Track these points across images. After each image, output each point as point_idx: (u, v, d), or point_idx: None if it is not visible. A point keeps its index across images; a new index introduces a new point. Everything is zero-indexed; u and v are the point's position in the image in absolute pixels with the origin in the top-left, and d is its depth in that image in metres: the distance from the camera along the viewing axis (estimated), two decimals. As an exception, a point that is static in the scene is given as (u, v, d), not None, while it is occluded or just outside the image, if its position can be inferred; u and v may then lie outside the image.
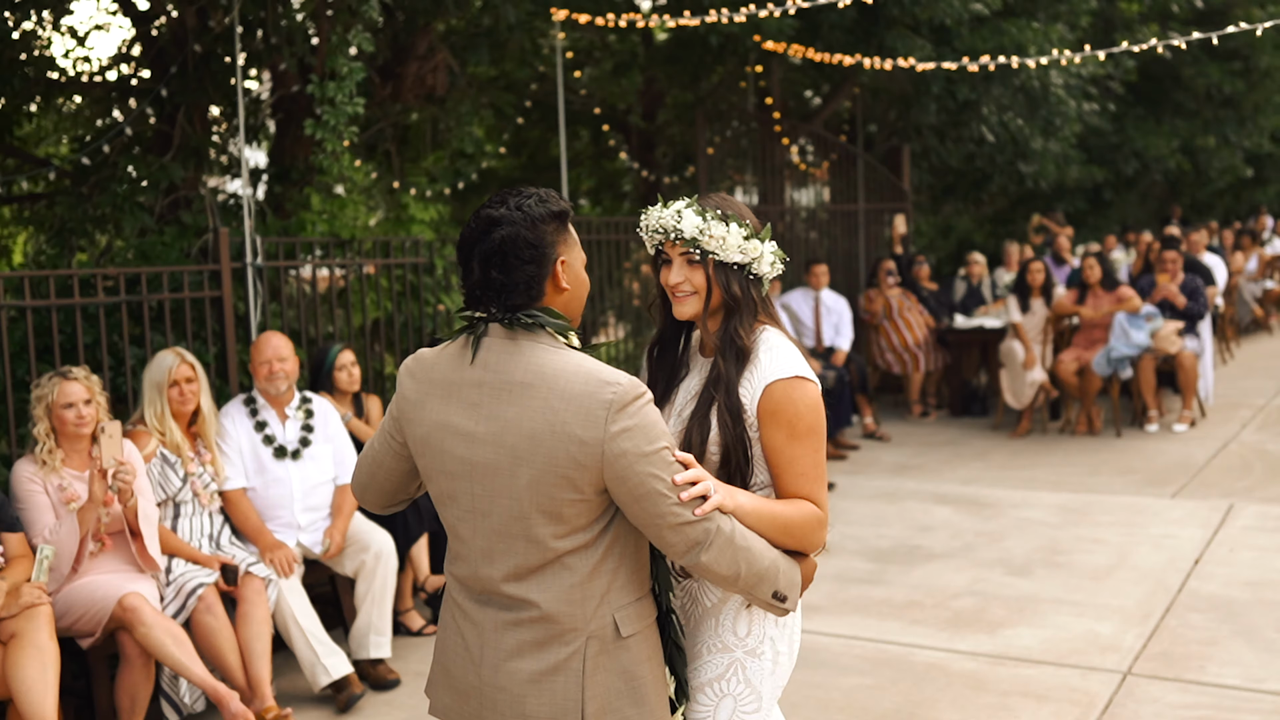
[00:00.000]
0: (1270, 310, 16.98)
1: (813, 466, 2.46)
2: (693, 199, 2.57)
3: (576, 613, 2.29)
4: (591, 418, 2.20)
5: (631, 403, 2.21)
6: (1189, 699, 4.58)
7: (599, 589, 2.30)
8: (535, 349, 2.27)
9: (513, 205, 2.28)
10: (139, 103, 7.27)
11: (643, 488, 2.22)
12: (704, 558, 2.25)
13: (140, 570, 4.56)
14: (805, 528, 2.44)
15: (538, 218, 2.28)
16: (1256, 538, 6.64)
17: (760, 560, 2.32)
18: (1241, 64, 17.38)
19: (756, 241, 2.54)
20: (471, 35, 7.91)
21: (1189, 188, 20.46)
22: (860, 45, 9.46)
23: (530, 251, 2.27)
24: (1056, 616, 5.54)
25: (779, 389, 2.45)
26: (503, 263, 2.26)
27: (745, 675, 2.56)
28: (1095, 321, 9.87)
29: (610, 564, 2.31)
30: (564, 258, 2.32)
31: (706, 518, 2.24)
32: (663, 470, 2.22)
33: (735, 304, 2.53)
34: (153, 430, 4.90)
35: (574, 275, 2.37)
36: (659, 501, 2.22)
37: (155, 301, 5.85)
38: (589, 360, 2.27)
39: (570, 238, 2.36)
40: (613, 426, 2.19)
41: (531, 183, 12.29)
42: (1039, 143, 12.32)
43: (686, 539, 2.24)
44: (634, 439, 2.20)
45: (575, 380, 2.22)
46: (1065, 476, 8.39)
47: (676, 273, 2.54)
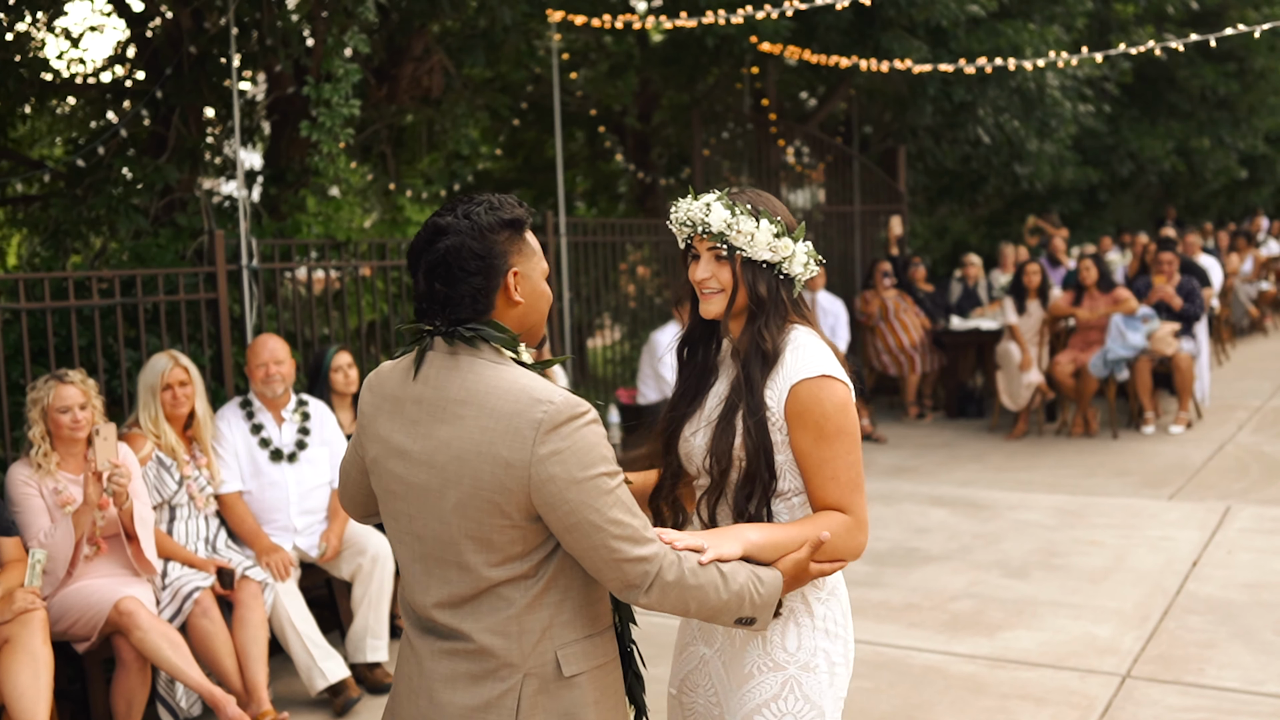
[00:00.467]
0: (1265, 312, 17.00)
1: (845, 470, 2.35)
2: (724, 192, 2.45)
3: (513, 647, 2.12)
4: (519, 438, 2.05)
5: (564, 423, 2.05)
6: (1188, 701, 4.57)
7: (539, 623, 2.13)
8: (474, 365, 2.13)
9: (460, 213, 2.15)
10: (134, 104, 7.25)
11: (572, 517, 2.05)
12: (644, 600, 2.11)
13: (136, 574, 4.54)
14: (831, 543, 2.32)
15: (486, 227, 2.13)
16: (1254, 539, 6.64)
17: (714, 596, 2.15)
18: (1236, 65, 17.41)
19: (788, 240, 2.42)
20: (467, 37, 7.89)
21: (1184, 189, 20.48)
22: (856, 47, 9.45)
23: (476, 263, 2.12)
24: (1054, 619, 5.53)
25: (805, 389, 2.34)
26: (446, 275, 2.12)
27: (803, 691, 2.42)
28: (1091, 323, 9.87)
29: (553, 597, 2.14)
30: (517, 269, 2.17)
31: (646, 558, 2.08)
32: (597, 500, 2.05)
33: (762, 304, 2.41)
34: (147, 433, 4.88)
35: (530, 288, 2.21)
36: (591, 534, 2.06)
37: (150, 304, 5.82)
38: (528, 377, 2.11)
39: (527, 247, 2.21)
40: (540, 448, 2.04)
41: (528, 184, 12.30)
42: (1034, 144, 12.32)
43: (623, 578, 2.09)
44: (564, 463, 2.04)
45: (506, 398, 2.08)
46: (1062, 478, 8.38)
47: (703, 268, 2.44)
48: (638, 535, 2.08)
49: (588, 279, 8.72)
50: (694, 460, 2.50)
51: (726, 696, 2.50)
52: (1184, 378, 9.77)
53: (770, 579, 2.25)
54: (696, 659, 2.59)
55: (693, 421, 2.51)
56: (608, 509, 2.05)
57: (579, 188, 13.50)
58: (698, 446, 2.47)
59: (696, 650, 2.58)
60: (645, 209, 11.88)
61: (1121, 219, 20.83)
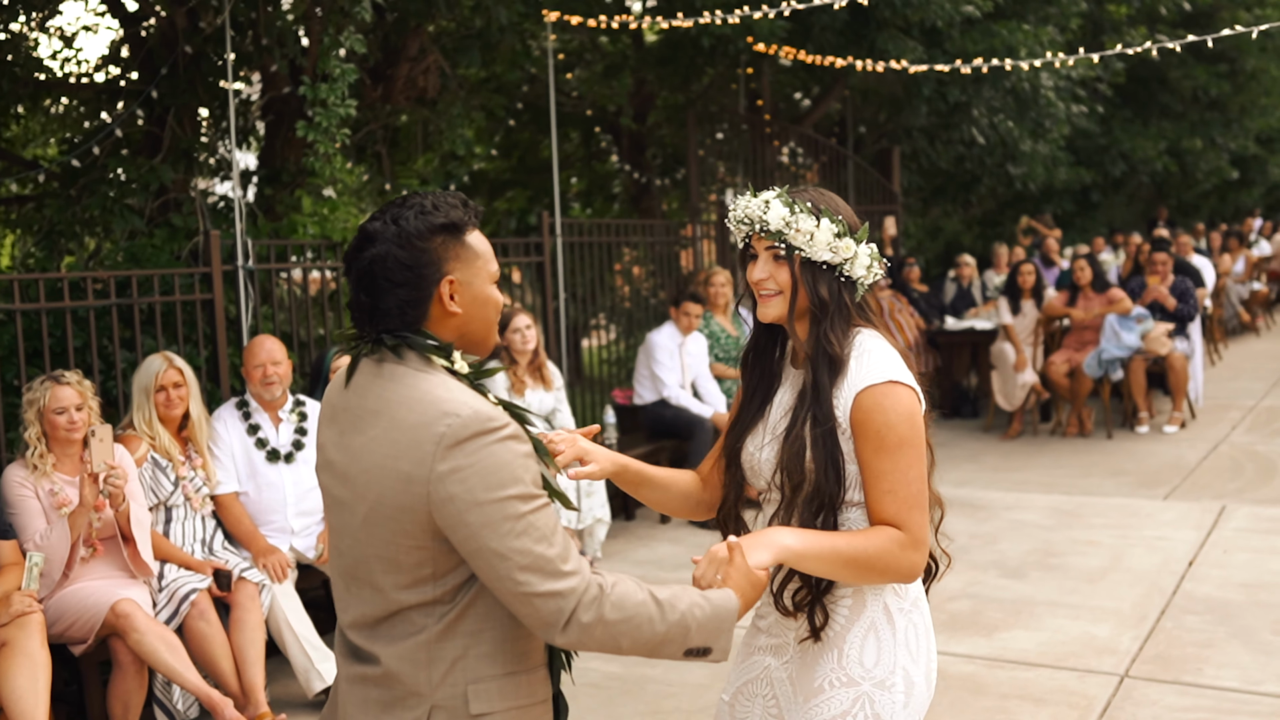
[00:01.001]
0: (1257, 312, 17.05)
1: (903, 484, 2.20)
2: (783, 189, 2.34)
3: (420, 676, 1.98)
4: (420, 452, 1.90)
5: (469, 439, 1.88)
6: (1187, 701, 4.57)
7: (450, 653, 1.98)
8: (395, 373, 1.99)
9: (389, 219, 2.00)
10: (128, 104, 7.22)
11: (473, 543, 1.89)
12: (561, 639, 1.92)
13: (132, 576, 4.52)
14: (881, 560, 2.18)
15: (414, 233, 1.98)
16: (1249, 539, 6.65)
17: (649, 630, 1.96)
18: (1228, 66, 17.46)
19: (850, 241, 2.29)
20: (462, 37, 7.88)
21: (1175, 189, 20.54)
22: (851, 47, 9.46)
23: (403, 273, 1.98)
24: (1052, 619, 5.53)
25: (869, 396, 2.21)
26: (371, 285, 1.99)
27: (874, 710, 2.27)
28: (1086, 323, 9.88)
29: (469, 626, 1.98)
30: (454, 276, 2.01)
31: (559, 593, 1.89)
32: (501, 525, 1.87)
33: (824, 307, 2.28)
34: (142, 435, 4.86)
35: (470, 295, 2.04)
36: (495, 563, 1.88)
37: (146, 304, 5.80)
38: (445, 388, 1.95)
39: (467, 252, 2.04)
40: (440, 465, 1.88)
41: (523, 185, 12.29)
42: (1028, 145, 12.35)
43: (535, 614, 1.91)
44: (465, 483, 1.87)
45: (415, 409, 1.93)
46: (1057, 478, 8.39)
47: (760, 268, 2.32)
48: (548, 567, 1.89)
49: (583, 279, 8.71)
50: (761, 474, 2.38)
51: (790, 710, 2.36)
52: (1178, 378, 9.79)
53: (720, 601, 2.05)
54: (759, 669, 2.45)
55: (757, 433, 2.40)
56: (512, 537, 1.87)
57: (574, 188, 13.49)
58: (765, 460, 2.35)
59: (760, 660, 2.45)
60: (640, 209, 11.87)
61: (1114, 219, 20.88)
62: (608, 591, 1.93)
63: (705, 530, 7.46)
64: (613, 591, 1.94)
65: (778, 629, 2.41)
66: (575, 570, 1.92)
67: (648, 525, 7.74)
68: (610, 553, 7.01)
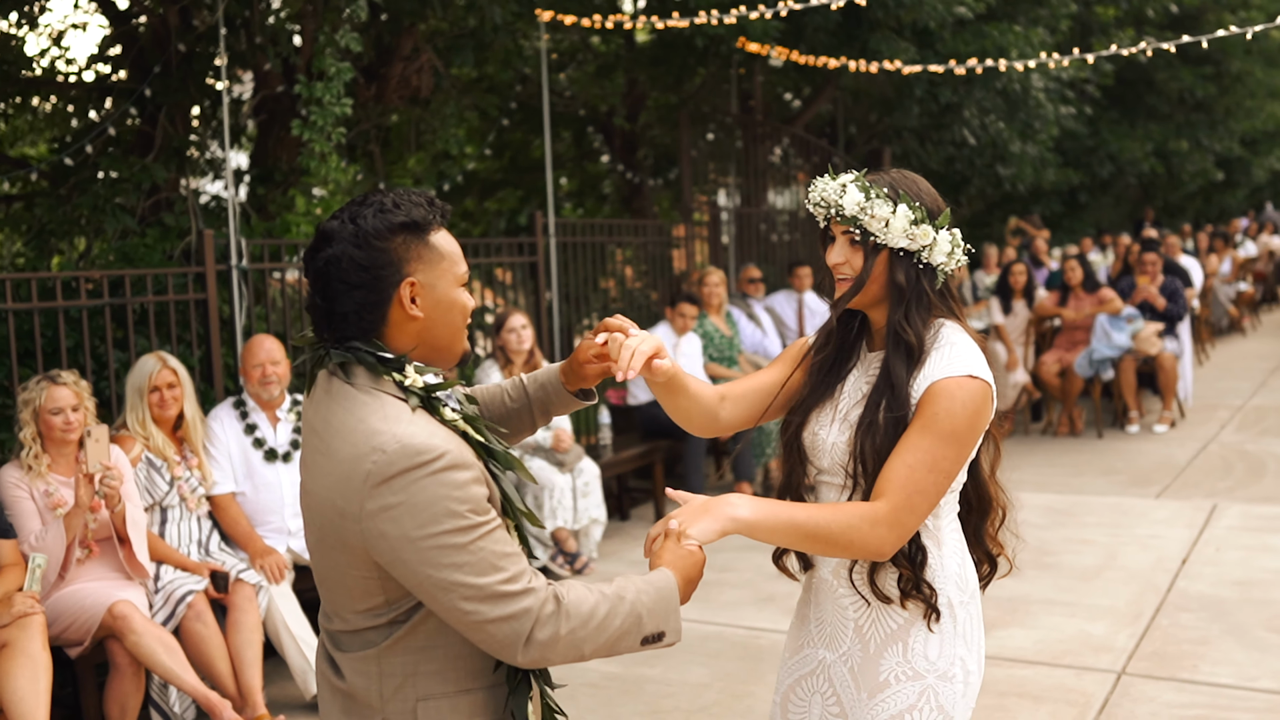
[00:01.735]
0: (1244, 312, 17.14)
1: (925, 467, 2.14)
2: (861, 173, 2.29)
3: (372, 688, 1.94)
4: (350, 489, 1.83)
5: (396, 476, 1.79)
6: (1184, 698, 4.59)
7: (400, 668, 1.94)
8: (339, 393, 1.92)
9: (347, 218, 1.91)
10: (118, 102, 7.18)
11: (414, 578, 1.83)
12: (523, 661, 1.87)
13: (128, 577, 4.49)
14: (845, 536, 2.13)
15: (371, 233, 1.89)
16: (1241, 537, 6.68)
17: (608, 627, 1.91)
18: (1213, 69, 17.57)
19: (928, 227, 2.22)
20: (456, 36, 7.86)
21: (1161, 191, 20.65)
22: (844, 48, 9.47)
23: (359, 275, 1.89)
24: (1048, 617, 5.55)
25: (942, 384, 2.16)
26: (326, 287, 1.91)
27: (939, 702, 2.26)
28: (1077, 323, 9.92)
29: (419, 642, 1.93)
30: (415, 278, 1.92)
31: (511, 616, 1.83)
32: (440, 558, 1.80)
33: (901, 295, 2.22)
34: (136, 435, 4.84)
35: (434, 298, 1.95)
36: (439, 596, 1.82)
37: (139, 304, 5.77)
38: (380, 415, 1.86)
39: (431, 253, 1.95)
40: (370, 503, 1.81)
41: (514, 184, 12.27)
42: (1017, 146, 12.39)
43: (491, 641, 1.86)
44: (397, 521, 1.80)
45: (347, 441, 1.85)
46: (1049, 477, 8.42)
47: (837, 253, 2.28)
48: (496, 593, 1.82)
49: (573, 280, 8.70)
50: (822, 455, 2.32)
51: (854, 706, 2.32)
52: (1168, 377, 9.84)
53: (659, 583, 1.99)
54: (814, 663, 2.40)
55: (824, 414, 2.34)
56: (453, 570, 1.80)
57: (564, 188, 13.47)
58: (829, 443, 2.31)
59: (814, 654, 2.41)
60: (632, 210, 11.86)
61: (1101, 220, 20.97)
62: (563, 602, 1.88)
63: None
64: (567, 601, 1.88)
65: (835, 619, 2.36)
66: (527, 589, 1.85)
67: (643, 525, 7.73)
68: (605, 553, 7.00)
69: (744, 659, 5.04)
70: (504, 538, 1.88)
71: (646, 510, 8.11)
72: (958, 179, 13.67)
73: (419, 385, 1.92)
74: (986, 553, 2.43)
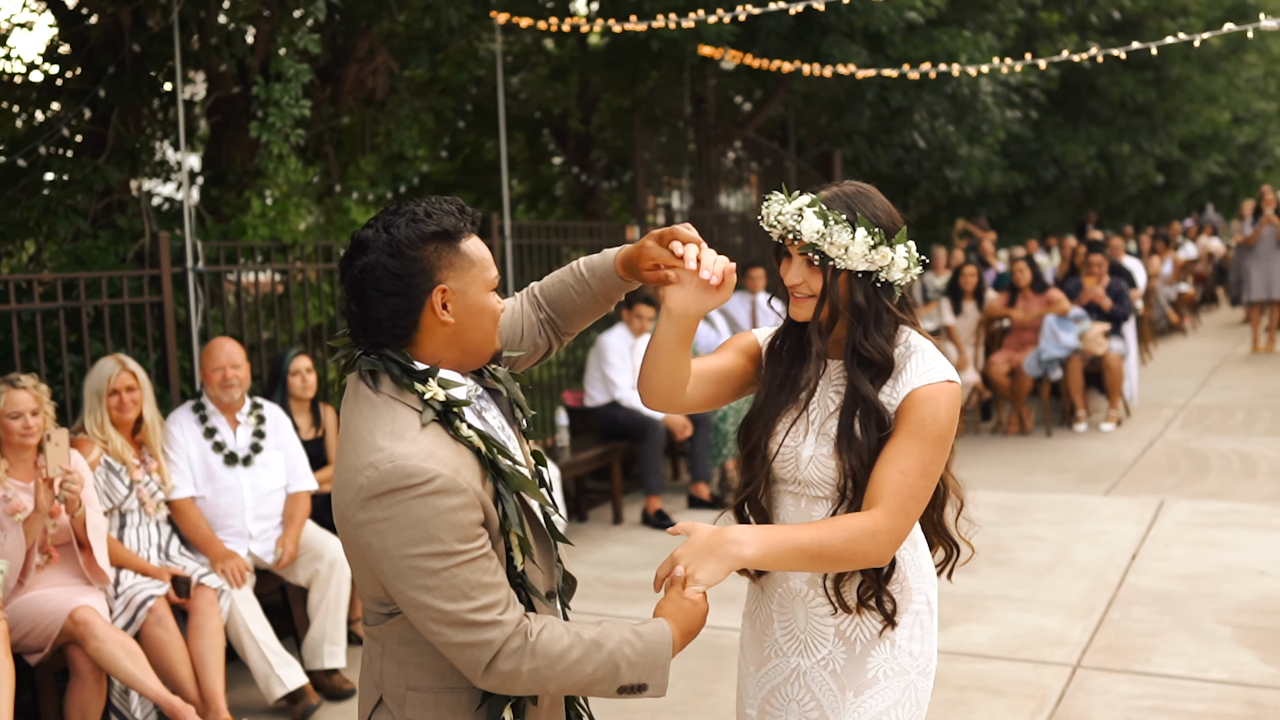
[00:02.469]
0: (1184, 313, 17.49)
1: (917, 472, 2.17)
2: (818, 196, 2.25)
3: (375, 667, 2.08)
4: (347, 497, 1.91)
5: (385, 494, 1.86)
6: (1137, 689, 4.69)
7: (396, 654, 2.03)
8: (364, 398, 1.98)
9: (380, 227, 1.97)
10: (68, 103, 7.08)
11: (391, 589, 1.91)
12: (483, 684, 1.93)
13: (88, 583, 4.44)
14: (849, 550, 2.14)
15: (404, 242, 1.95)
16: (1188, 532, 6.84)
17: (578, 671, 1.95)
18: (1153, 74, 17.94)
19: (885, 249, 2.22)
20: (411, 38, 7.84)
21: (1103, 193, 21.04)
22: (796, 52, 9.56)
23: (393, 283, 1.95)
24: (1004, 613, 5.64)
25: (925, 391, 2.21)
26: (361, 295, 1.98)
27: (917, 697, 2.32)
28: (1026, 324, 10.09)
29: (410, 634, 2.00)
30: (447, 285, 1.98)
31: (473, 644, 1.88)
32: (415, 579, 1.87)
33: (861, 314, 2.24)
34: (94, 439, 4.78)
35: (465, 304, 2.00)
36: (411, 611, 1.90)
37: (93, 307, 5.70)
38: (386, 431, 1.92)
39: (462, 260, 2.00)
40: (359, 514, 1.88)
41: (467, 187, 12.23)
42: (965, 149, 12.57)
43: (455, 659, 1.92)
44: (380, 536, 1.87)
45: (355, 450, 1.93)
46: (1001, 476, 8.55)
47: (795, 273, 2.27)
48: (462, 620, 1.88)
49: (525, 282, 8.70)
50: (795, 467, 2.31)
51: (837, 709, 2.32)
52: (1114, 377, 10.03)
53: (652, 635, 2.01)
54: (786, 672, 2.40)
55: (796, 427, 2.32)
56: (424, 592, 1.87)
57: (516, 190, 13.45)
58: (805, 456, 2.30)
59: (785, 663, 2.40)
60: (585, 212, 11.88)
61: (1045, 222, 21.32)
62: (531, 640, 1.92)
63: (659, 531, 7.49)
64: (537, 639, 1.92)
65: (810, 627, 2.36)
66: (493, 621, 1.89)
67: (601, 526, 7.76)
68: (564, 554, 7.00)
69: (707, 657, 5.07)
70: (485, 567, 1.91)
71: (604, 511, 8.13)
72: (906, 182, 13.85)
73: (439, 400, 1.97)
74: (948, 541, 2.47)
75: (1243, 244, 14.47)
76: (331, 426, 5.93)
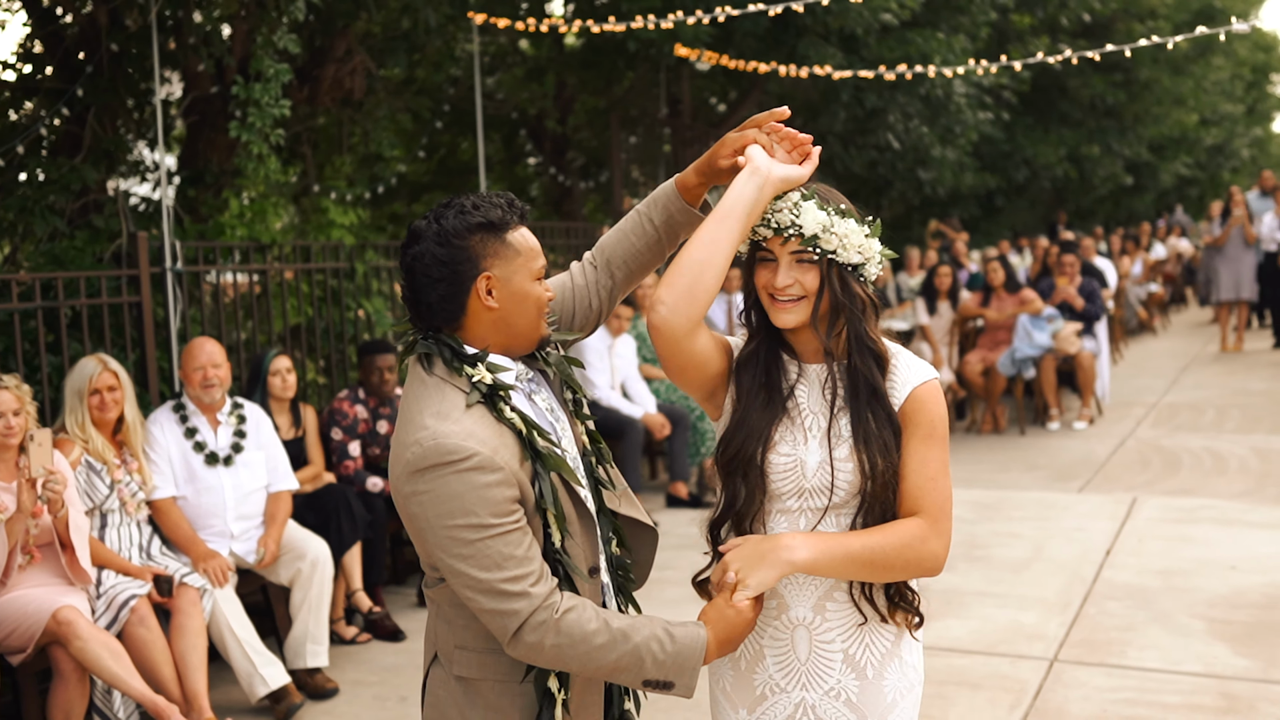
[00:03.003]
0: (1154, 312, 17.68)
1: (943, 475, 2.18)
2: (809, 190, 2.20)
3: (431, 624, 2.24)
4: (398, 469, 2.06)
5: (428, 469, 2.00)
6: (1114, 682, 4.76)
7: (447, 614, 2.18)
8: (418, 377, 2.13)
9: (432, 218, 2.12)
10: (42, 102, 7.03)
11: (433, 556, 2.05)
12: (511, 652, 2.05)
13: (70, 583, 4.42)
14: (902, 556, 2.13)
15: (452, 231, 2.09)
16: (1161, 529, 6.92)
17: (600, 657, 2.04)
18: (1123, 76, 18.13)
19: (874, 240, 2.21)
20: (389, 39, 7.84)
21: (1073, 194, 21.25)
22: (772, 53, 9.61)
23: (440, 270, 2.09)
24: (981, 608, 5.71)
25: (925, 390, 2.19)
26: (412, 282, 2.13)
27: (916, 706, 2.31)
28: (999, 323, 10.18)
29: (456, 597, 2.12)
30: (491, 273, 2.10)
31: (503, 613, 2.00)
32: (453, 549, 2.00)
33: (860, 305, 2.19)
34: (75, 438, 4.76)
35: (509, 291, 2.12)
36: (449, 577, 2.05)
37: (71, 307, 5.67)
38: (433, 410, 2.05)
39: (507, 249, 2.12)
40: (405, 487, 2.03)
41: (443, 187, 12.23)
42: (938, 150, 12.67)
43: (488, 624, 2.05)
44: (423, 506, 2.01)
45: (405, 426, 2.08)
46: (976, 474, 8.63)
47: (785, 274, 2.17)
48: (493, 589, 1.99)
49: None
50: (802, 478, 2.21)
51: None
52: (1086, 375, 10.14)
53: (686, 639, 2.07)
54: (789, 708, 2.27)
55: (787, 436, 2.22)
56: (459, 560, 2.00)
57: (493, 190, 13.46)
58: (812, 464, 2.20)
59: (786, 699, 2.27)
60: (561, 212, 11.90)
61: (1016, 223, 21.50)
62: (556, 617, 2.01)
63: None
64: (563, 618, 2.02)
65: (814, 657, 2.25)
66: (523, 592, 2.00)
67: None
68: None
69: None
70: (517, 540, 2.02)
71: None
72: (880, 183, 13.94)
73: (485, 383, 2.10)
74: None
75: (1211, 245, 14.66)
76: (311, 426, 5.93)
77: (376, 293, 7.48)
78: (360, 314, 7.32)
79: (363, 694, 5.08)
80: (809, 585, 2.24)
